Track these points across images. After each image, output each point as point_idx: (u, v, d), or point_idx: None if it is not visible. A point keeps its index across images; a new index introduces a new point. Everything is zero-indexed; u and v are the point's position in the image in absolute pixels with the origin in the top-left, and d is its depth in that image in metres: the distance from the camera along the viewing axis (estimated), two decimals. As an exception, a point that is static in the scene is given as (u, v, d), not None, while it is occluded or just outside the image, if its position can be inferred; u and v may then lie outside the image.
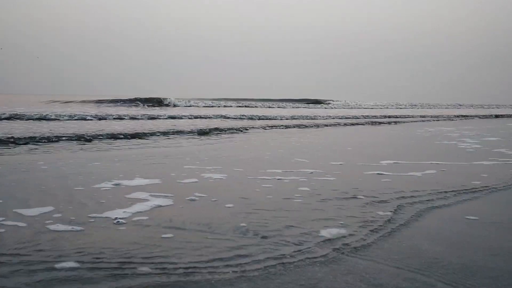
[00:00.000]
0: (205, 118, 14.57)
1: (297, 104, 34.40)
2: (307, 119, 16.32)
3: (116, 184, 3.52)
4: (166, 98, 25.76)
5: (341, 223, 2.50)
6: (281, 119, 15.19)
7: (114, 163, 4.74)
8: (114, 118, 12.61)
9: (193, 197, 3.11)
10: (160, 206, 2.85)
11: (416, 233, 2.38)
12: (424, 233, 2.39)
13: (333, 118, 17.09)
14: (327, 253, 2.03)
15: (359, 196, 3.22)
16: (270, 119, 15.39)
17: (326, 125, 13.12)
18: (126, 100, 25.46)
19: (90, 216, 2.57)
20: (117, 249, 2.02)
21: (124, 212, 2.67)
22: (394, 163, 5.13)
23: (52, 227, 2.34)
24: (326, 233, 2.32)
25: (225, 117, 15.17)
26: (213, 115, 15.72)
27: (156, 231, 2.32)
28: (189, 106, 25.23)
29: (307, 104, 35.34)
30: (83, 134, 7.60)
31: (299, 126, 12.37)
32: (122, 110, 17.63)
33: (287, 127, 11.99)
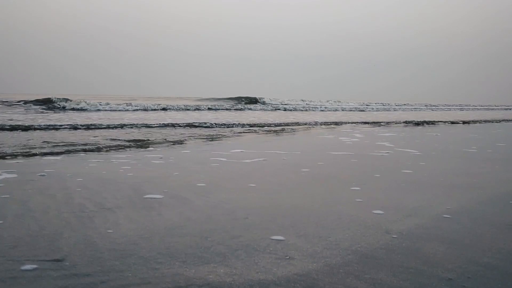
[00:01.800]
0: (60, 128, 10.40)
1: (221, 102, 29.48)
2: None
3: None
4: (67, 99, 21.58)
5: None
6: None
7: None
8: None
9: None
10: None
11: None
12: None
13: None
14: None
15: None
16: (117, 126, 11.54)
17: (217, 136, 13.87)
18: (26, 101, 22.10)
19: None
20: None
21: None
22: (241, 151, 6.52)
23: None
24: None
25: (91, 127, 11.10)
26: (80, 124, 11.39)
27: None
28: (83, 110, 19.67)
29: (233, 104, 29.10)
30: None
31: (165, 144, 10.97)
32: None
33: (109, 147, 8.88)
